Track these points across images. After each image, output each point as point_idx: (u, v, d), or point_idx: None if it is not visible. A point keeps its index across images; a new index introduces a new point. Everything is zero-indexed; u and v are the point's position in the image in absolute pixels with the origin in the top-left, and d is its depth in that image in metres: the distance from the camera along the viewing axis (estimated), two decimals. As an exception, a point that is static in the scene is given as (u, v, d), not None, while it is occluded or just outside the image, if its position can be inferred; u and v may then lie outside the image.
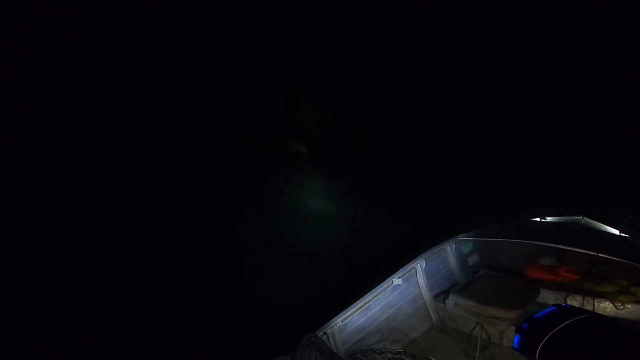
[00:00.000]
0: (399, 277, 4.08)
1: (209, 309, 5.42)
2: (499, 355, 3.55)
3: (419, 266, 4.26)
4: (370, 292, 3.90)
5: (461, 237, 4.59)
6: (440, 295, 4.21)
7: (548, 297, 4.02)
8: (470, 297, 3.72)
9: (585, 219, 5.10)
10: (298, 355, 3.22)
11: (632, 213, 5.34)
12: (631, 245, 4.28)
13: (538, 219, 5.17)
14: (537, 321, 2.21)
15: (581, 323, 2.02)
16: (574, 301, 3.87)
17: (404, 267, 4.17)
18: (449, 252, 4.63)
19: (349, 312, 3.73)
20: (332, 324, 3.62)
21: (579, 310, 2.12)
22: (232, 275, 6.43)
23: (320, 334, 3.49)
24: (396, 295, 4.07)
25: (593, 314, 2.06)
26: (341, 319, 3.67)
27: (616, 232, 4.75)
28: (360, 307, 3.80)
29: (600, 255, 3.61)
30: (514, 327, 3.47)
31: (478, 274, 4.25)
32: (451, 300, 3.85)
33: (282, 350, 3.14)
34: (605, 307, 3.70)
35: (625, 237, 4.59)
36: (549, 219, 5.19)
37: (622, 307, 3.62)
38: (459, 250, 4.73)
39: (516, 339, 2.22)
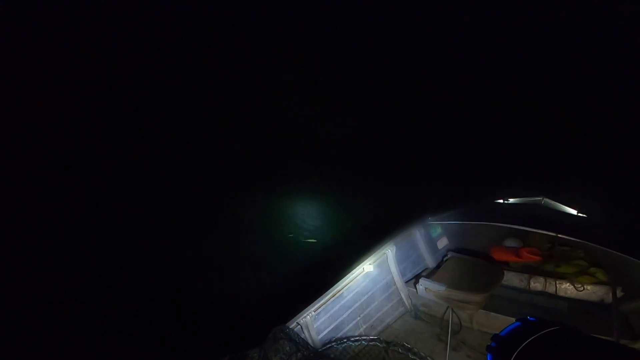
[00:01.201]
0: (370, 264, 4.03)
1: (178, 305, 5.23)
2: (470, 339, 3.64)
3: (389, 251, 4.24)
4: (342, 280, 3.83)
5: (429, 221, 4.61)
6: (412, 280, 4.23)
7: (512, 280, 4.15)
8: (439, 281, 3.72)
9: (546, 200, 5.27)
10: (268, 347, 3.15)
11: (587, 193, 5.59)
12: (588, 226, 4.47)
13: (501, 201, 5.30)
14: (504, 339, 2.21)
15: (548, 336, 2.04)
16: (537, 283, 4.02)
17: (375, 253, 4.14)
18: (418, 236, 4.64)
19: (322, 301, 3.66)
20: (305, 314, 3.55)
21: (544, 323, 2.15)
22: (202, 271, 6.22)
23: (293, 325, 3.42)
24: (368, 282, 4.04)
25: (559, 324, 2.11)
26: (314, 308, 3.61)
27: (574, 212, 4.95)
28: (333, 296, 3.74)
29: (559, 235, 3.70)
30: (484, 310, 3.57)
31: (447, 258, 4.29)
32: (422, 285, 3.83)
33: (253, 344, 3.06)
34: (567, 288, 3.87)
35: (582, 217, 4.79)
36: (511, 200, 5.33)
37: (582, 288, 3.80)
38: (428, 233, 4.76)
39: (488, 358, 2.22)
